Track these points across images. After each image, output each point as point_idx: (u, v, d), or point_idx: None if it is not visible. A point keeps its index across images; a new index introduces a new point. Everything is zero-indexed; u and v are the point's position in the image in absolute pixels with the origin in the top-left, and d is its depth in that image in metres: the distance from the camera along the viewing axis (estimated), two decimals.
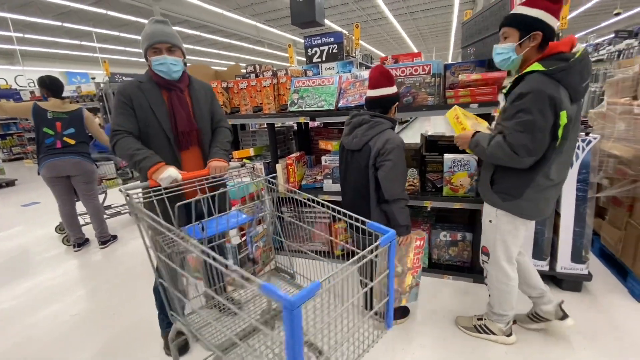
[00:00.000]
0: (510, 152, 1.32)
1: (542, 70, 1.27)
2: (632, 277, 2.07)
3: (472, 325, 1.81)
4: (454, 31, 16.87)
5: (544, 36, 1.31)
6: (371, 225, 1.02)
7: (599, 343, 1.71)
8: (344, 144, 1.78)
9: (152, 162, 1.47)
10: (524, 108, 1.28)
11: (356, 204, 1.76)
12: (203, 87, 1.81)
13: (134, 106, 1.58)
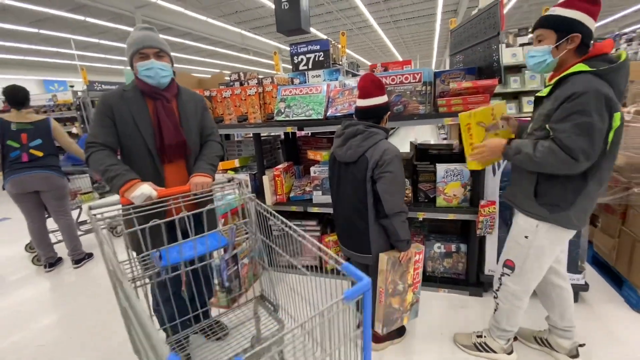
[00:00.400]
0: (566, 157, 1.20)
1: (592, 71, 1.20)
2: (627, 286, 2.04)
3: (472, 343, 1.72)
4: (436, 39, 17.24)
5: (582, 39, 1.25)
6: (347, 268, 0.85)
7: (601, 357, 1.66)
8: (337, 156, 1.66)
9: (124, 179, 1.36)
10: (581, 109, 1.17)
11: (352, 220, 1.65)
12: (193, 98, 1.68)
13: (115, 117, 1.47)
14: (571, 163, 1.19)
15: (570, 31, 1.25)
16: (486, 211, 2.05)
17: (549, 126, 1.26)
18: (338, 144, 1.65)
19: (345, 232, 1.73)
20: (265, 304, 1.53)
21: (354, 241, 1.68)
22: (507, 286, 1.55)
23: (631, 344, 1.74)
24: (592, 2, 1.24)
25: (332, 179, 1.77)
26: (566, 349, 1.63)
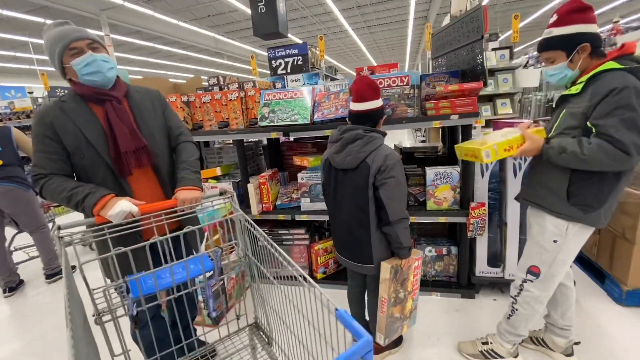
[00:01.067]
0: (618, 152, 1.17)
1: (624, 68, 1.20)
2: (610, 280, 2.12)
3: (478, 351, 1.70)
4: (409, 44, 17.71)
5: (591, 43, 1.27)
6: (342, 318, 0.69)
7: (593, 351, 1.69)
8: (334, 162, 1.57)
9: (97, 197, 1.18)
10: (625, 104, 1.16)
11: (352, 228, 1.58)
12: (148, 96, 1.45)
13: (59, 134, 1.24)
14: (623, 158, 1.17)
15: (577, 44, 1.27)
16: (477, 213, 2.06)
17: (592, 122, 1.23)
18: (335, 150, 1.56)
19: (343, 242, 1.66)
20: (260, 334, 1.42)
21: (353, 251, 1.61)
22: (530, 292, 1.51)
23: (619, 337, 1.79)
24: (584, 10, 1.26)
25: (328, 187, 1.67)
26: (562, 347, 1.64)
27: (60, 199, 1.22)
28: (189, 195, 1.30)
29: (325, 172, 1.68)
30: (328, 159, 1.63)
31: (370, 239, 1.53)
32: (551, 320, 1.67)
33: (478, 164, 2.07)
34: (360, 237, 1.55)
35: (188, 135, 1.54)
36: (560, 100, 1.41)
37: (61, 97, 1.30)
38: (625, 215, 1.96)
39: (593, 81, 1.24)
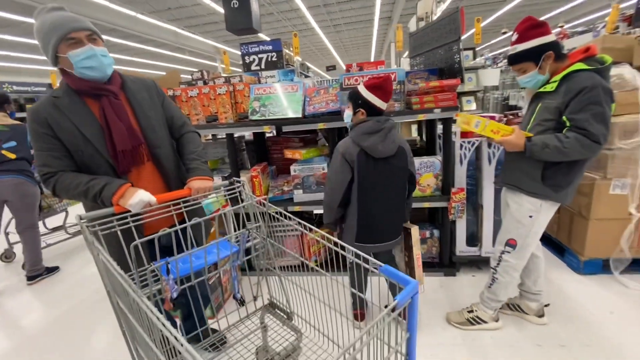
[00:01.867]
0: (591, 143, 1.39)
1: (592, 69, 1.41)
2: (569, 253, 2.44)
3: (465, 319, 1.89)
4: (374, 44, 18.20)
5: (554, 51, 1.48)
6: (386, 271, 0.79)
7: (560, 315, 1.95)
8: (376, 151, 1.64)
9: (115, 187, 1.18)
10: (595, 100, 1.37)
11: (398, 208, 1.79)
12: (144, 86, 1.40)
13: (56, 132, 1.20)
14: (596, 147, 1.40)
15: (542, 53, 1.49)
16: (457, 197, 2.26)
17: (567, 117, 1.44)
18: (379, 140, 1.63)
19: (386, 226, 1.79)
20: (276, 312, 1.48)
21: (397, 229, 1.83)
22: (508, 262, 1.73)
23: (579, 299, 2.08)
24: (539, 26, 1.49)
25: (367, 178, 1.69)
26: (534, 310, 1.89)
27: (76, 194, 1.20)
28: (203, 185, 1.32)
29: (360, 164, 1.67)
30: (363, 150, 1.65)
31: (404, 212, 1.85)
32: (525, 287, 1.90)
33: (458, 153, 2.28)
34: (400, 214, 1.83)
35: (191, 126, 1.55)
36: (535, 97, 1.63)
37: (53, 93, 1.23)
38: (581, 195, 2.26)
39: (566, 80, 1.46)
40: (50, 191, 1.23)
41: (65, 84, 1.24)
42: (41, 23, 1.18)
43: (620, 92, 2.07)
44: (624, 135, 2.06)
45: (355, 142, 1.67)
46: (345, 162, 1.69)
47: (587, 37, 6.21)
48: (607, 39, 2.35)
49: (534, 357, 1.67)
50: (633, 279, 2.20)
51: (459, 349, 1.77)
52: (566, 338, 1.78)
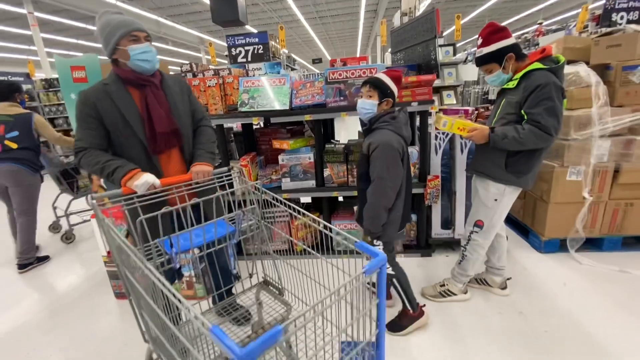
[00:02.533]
0: (543, 134, 1.58)
1: (547, 68, 1.60)
2: (532, 234, 2.69)
3: (438, 292, 2.10)
4: (360, 37, 18.28)
5: (514, 52, 1.68)
6: (361, 246, 0.89)
7: (520, 287, 2.19)
8: (405, 137, 1.67)
9: (125, 170, 1.35)
10: (547, 97, 1.57)
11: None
12: (178, 82, 1.63)
13: (101, 114, 1.42)
14: (547, 138, 1.60)
15: (504, 55, 1.69)
16: (432, 184, 2.46)
17: (525, 111, 1.64)
18: (407, 129, 1.71)
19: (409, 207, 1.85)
20: (269, 288, 1.63)
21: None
22: (476, 240, 1.94)
23: (539, 274, 2.33)
24: (500, 31, 1.69)
25: (407, 165, 1.72)
26: (498, 283, 2.12)
27: (94, 170, 1.38)
28: (201, 169, 1.49)
29: (405, 154, 1.69)
30: (402, 135, 1.66)
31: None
32: (490, 263, 2.13)
33: (433, 144, 2.47)
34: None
35: (208, 120, 1.74)
36: (500, 92, 1.84)
37: (104, 80, 1.47)
38: (542, 181, 2.50)
39: (524, 78, 1.66)
40: (77, 163, 1.42)
41: (114, 74, 1.47)
42: (107, 20, 1.40)
43: (576, 89, 2.30)
44: (579, 128, 2.29)
45: (397, 133, 1.63)
46: (399, 155, 1.62)
47: (560, 34, 6.55)
48: (568, 39, 2.57)
49: (496, 323, 1.90)
50: (586, 255, 2.47)
51: (432, 319, 1.97)
52: (524, 306, 2.01)
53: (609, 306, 1.97)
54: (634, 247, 2.55)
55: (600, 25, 5.07)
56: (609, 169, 2.37)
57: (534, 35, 7.23)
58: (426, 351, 1.74)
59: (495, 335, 1.81)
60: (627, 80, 2.31)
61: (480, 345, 1.75)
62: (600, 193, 2.42)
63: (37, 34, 9.87)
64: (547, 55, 1.69)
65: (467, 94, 7.24)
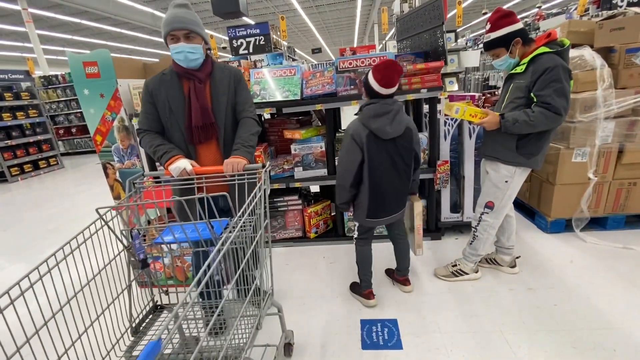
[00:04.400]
0: (554, 115, 1.64)
1: (553, 51, 1.66)
2: (539, 216, 2.78)
3: (450, 272, 2.19)
4: (357, 25, 18.09)
5: (522, 37, 1.74)
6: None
7: (529, 265, 2.29)
8: (384, 133, 1.71)
9: (170, 155, 1.49)
10: (556, 78, 1.63)
11: (403, 184, 1.87)
12: (228, 75, 1.64)
13: (155, 100, 1.56)
14: (557, 119, 1.67)
15: (511, 40, 1.75)
16: (442, 169, 2.53)
17: (534, 93, 1.70)
18: (387, 122, 1.70)
19: (395, 198, 1.88)
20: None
21: (403, 201, 1.94)
22: (486, 221, 2.02)
23: (546, 253, 2.42)
24: (508, 16, 1.74)
25: (377, 158, 1.77)
26: (508, 262, 2.21)
27: (149, 152, 1.56)
28: (233, 161, 1.46)
29: (369, 145, 1.74)
30: (372, 132, 1.72)
31: (408, 187, 1.93)
32: (499, 243, 2.21)
33: (442, 130, 2.53)
34: (406, 188, 1.92)
35: (250, 112, 1.67)
36: (508, 78, 1.88)
37: (164, 71, 1.60)
38: (548, 164, 2.57)
39: (532, 62, 1.71)
40: (139, 143, 1.58)
41: (171, 66, 1.59)
42: (165, 16, 1.49)
43: (581, 72, 2.35)
44: (584, 110, 2.35)
45: (364, 124, 1.73)
46: (355, 143, 1.75)
47: (561, 18, 6.53)
48: (572, 23, 2.61)
49: (507, 299, 2.00)
50: (590, 234, 2.56)
51: (445, 297, 2.07)
52: (533, 283, 2.11)
53: (614, 281, 2.07)
54: (636, 225, 2.64)
55: (601, 8, 5.08)
56: (613, 149, 2.44)
57: (534, 20, 7.21)
58: (443, 326, 1.83)
59: (507, 309, 1.91)
60: (630, 62, 2.36)
61: (494, 318, 1.85)
62: (605, 173, 2.50)
63: (32, 30, 9.76)
64: (552, 40, 1.74)
65: (467, 81, 7.26)
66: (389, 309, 2.02)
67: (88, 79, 2.56)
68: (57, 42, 16.12)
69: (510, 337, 1.71)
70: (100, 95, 2.56)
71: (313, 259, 2.66)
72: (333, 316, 2.01)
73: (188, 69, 1.54)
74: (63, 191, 5.81)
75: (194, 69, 1.55)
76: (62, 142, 9.50)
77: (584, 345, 1.62)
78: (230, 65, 1.71)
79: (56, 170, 7.63)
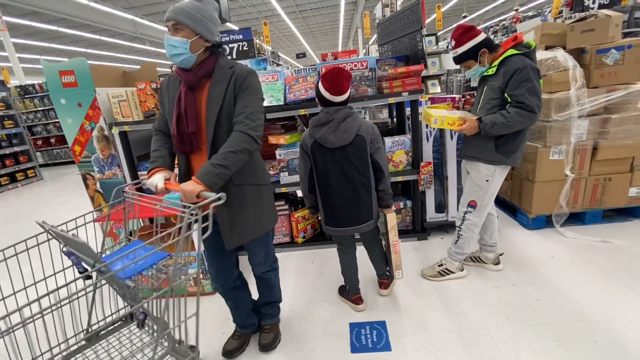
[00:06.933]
0: (529, 113, 1.70)
1: (521, 53, 1.74)
2: (520, 213, 2.84)
3: (436, 272, 2.22)
4: (341, 30, 18.27)
5: (487, 46, 1.82)
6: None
7: (512, 262, 2.34)
8: (327, 142, 1.67)
9: (150, 167, 1.42)
10: (527, 78, 1.69)
11: (359, 196, 1.76)
12: (228, 77, 1.36)
13: (163, 101, 1.51)
14: (532, 116, 1.73)
15: (477, 51, 1.84)
16: (425, 170, 2.57)
17: (508, 94, 1.76)
18: (329, 131, 1.66)
19: (346, 212, 1.79)
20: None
21: (362, 215, 1.80)
22: (470, 220, 2.06)
23: (528, 249, 2.48)
24: (469, 30, 1.84)
25: (322, 167, 1.75)
26: (491, 259, 2.26)
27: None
28: (186, 189, 1.20)
29: (315, 154, 1.74)
30: (317, 141, 1.71)
31: (372, 199, 1.80)
32: (483, 241, 2.26)
33: (424, 131, 2.58)
34: (366, 200, 1.78)
35: (243, 124, 1.33)
36: (481, 80, 1.96)
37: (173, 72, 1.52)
38: (527, 162, 2.64)
39: (503, 64, 1.79)
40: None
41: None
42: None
43: (555, 73, 2.44)
44: (559, 109, 2.43)
45: (309, 134, 1.74)
46: (304, 152, 1.79)
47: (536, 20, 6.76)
48: (545, 26, 2.70)
49: (492, 296, 2.03)
50: (570, 229, 2.64)
51: (433, 296, 2.09)
52: (517, 279, 2.16)
53: (593, 274, 2.13)
54: (613, 219, 2.74)
55: (573, 10, 5.28)
56: (587, 147, 2.53)
57: (511, 22, 7.44)
58: (431, 326, 1.85)
59: (492, 306, 1.94)
60: (601, 62, 2.45)
61: (480, 316, 1.88)
62: (581, 170, 2.58)
63: (7, 38, 9.46)
64: (519, 42, 1.82)
65: (450, 82, 7.41)
66: (377, 311, 2.02)
67: (65, 88, 2.49)
68: (33, 51, 15.68)
69: (495, 333, 1.74)
70: (78, 105, 2.50)
71: (301, 264, 2.65)
72: (322, 320, 2.00)
73: (181, 69, 1.36)
74: (43, 203, 5.63)
75: (186, 69, 1.36)
76: (41, 153, 9.22)
77: (566, 338, 1.67)
78: (239, 64, 1.41)
79: (34, 182, 7.39)
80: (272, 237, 1.73)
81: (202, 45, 1.34)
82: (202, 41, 1.33)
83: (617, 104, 2.43)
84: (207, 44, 1.36)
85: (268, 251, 1.72)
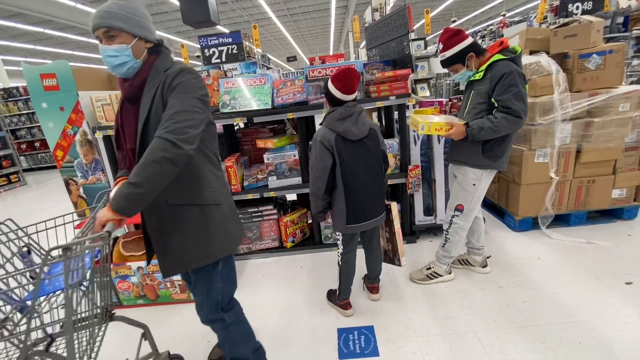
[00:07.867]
0: (515, 118, 1.71)
1: (507, 58, 1.75)
2: (507, 215, 2.87)
3: (425, 275, 2.22)
4: (332, 34, 18.37)
5: (474, 50, 1.83)
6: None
7: (500, 264, 2.35)
8: (351, 134, 1.74)
9: (118, 175, 1.33)
10: (513, 83, 1.70)
11: (379, 186, 1.87)
12: (157, 83, 1.16)
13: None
14: (519, 122, 1.74)
15: (464, 55, 1.85)
16: (413, 173, 2.58)
17: (494, 99, 1.77)
18: (352, 124, 1.73)
19: (374, 203, 1.86)
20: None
21: (379, 206, 1.89)
22: (457, 223, 2.07)
23: (515, 251, 2.51)
24: (456, 34, 1.85)
25: (347, 160, 1.77)
26: (479, 262, 2.27)
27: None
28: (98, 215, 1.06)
29: (340, 148, 1.75)
30: (340, 135, 1.74)
31: (384, 189, 1.93)
32: (470, 244, 2.27)
33: (412, 135, 2.59)
34: (381, 190, 1.90)
35: (162, 128, 1.07)
36: (468, 85, 1.97)
37: None
38: (513, 165, 2.68)
39: (489, 69, 1.80)
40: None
41: None
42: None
43: (539, 77, 2.48)
44: (543, 113, 2.47)
45: (330, 129, 1.76)
46: (325, 148, 1.75)
47: (523, 25, 6.90)
48: (529, 31, 2.75)
49: (479, 299, 2.04)
50: (556, 231, 2.67)
51: (421, 300, 2.09)
52: (504, 281, 2.17)
53: (578, 275, 2.16)
54: (597, 220, 2.79)
55: (558, 15, 5.40)
56: (571, 149, 2.57)
57: (498, 27, 7.57)
58: (419, 330, 1.84)
59: (480, 309, 1.95)
60: (583, 67, 2.50)
61: (468, 319, 1.88)
62: (565, 172, 2.62)
63: None
64: (505, 47, 1.84)
65: (439, 86, 7.49)
66: (365, 316, 2.01)
67: (46, 92, 2.43)
68: (18, 53, 15.36)
69: (483, 336, 1.75)
70: (60, 109, 2.44)
71: (290, 269, 2.63)
72: (310, 326, 1.98)
73: (119, 79, 1.21)
74: (27, 209, 5.50)
75: (127, 79, 1.19)
76: (25, 157, 9.01)
77: (552, 339, 1.68)
78: (179, 64, 1.21)
79: (18, 187, 7.21)
80: (226, 272, 1.37)
81: (144, 47, 1.19)
82: (142, 43, 1.18)
83: (599, 107, 2.49)
84: (148, 45, 1.20)
85: (211, 289, 1.32)
